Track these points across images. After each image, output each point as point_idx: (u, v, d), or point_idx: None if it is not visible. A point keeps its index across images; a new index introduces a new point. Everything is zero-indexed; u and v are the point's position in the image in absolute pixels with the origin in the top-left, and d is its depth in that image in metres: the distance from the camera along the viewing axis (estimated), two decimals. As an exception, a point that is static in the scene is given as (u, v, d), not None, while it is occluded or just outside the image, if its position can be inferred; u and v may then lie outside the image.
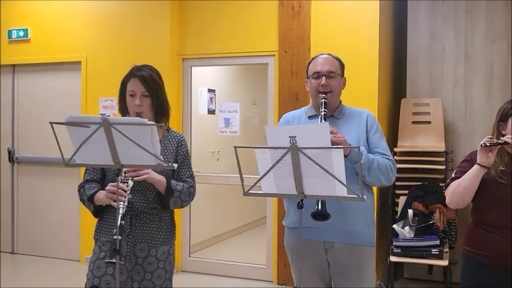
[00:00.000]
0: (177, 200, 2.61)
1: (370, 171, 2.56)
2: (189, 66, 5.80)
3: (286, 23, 5.23)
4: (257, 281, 5.44)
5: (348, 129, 2.67)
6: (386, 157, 2.65)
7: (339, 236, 2.60)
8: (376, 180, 2.61)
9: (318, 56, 2.78)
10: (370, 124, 2.71)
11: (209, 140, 6.69)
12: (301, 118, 2.82)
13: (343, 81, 2.80)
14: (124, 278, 2.55)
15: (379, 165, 2.58)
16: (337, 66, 2.74)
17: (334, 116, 2.74)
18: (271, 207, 5.39)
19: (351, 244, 2.61)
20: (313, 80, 2.72)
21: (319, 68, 2.71)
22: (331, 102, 2.69)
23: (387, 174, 2.62)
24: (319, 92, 2.67)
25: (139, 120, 2.31)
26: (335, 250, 2.62)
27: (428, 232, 4.57)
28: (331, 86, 2.68)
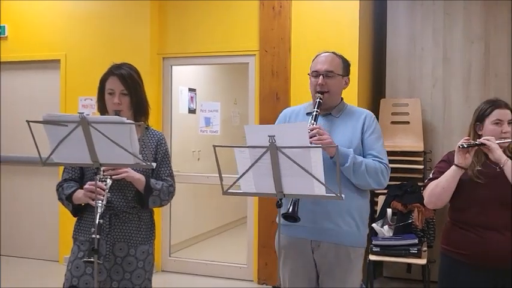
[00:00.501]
0: (156, 198, 2.60)
1: (356, 174, 2.53)
2: (170, 65, 5.78)
3: (267, 22, 5.24)
4: (238, 280, 5.45)
5: (343, 129, 2.67)
6: (379, 160, 2.61)
7: (325, 235, 2.60)
8: (364, 183, 2.58)
9: (320, 54, 2.76)
10: (368, 125, 2.68)
11: (189, 139, 6.68)
12: (300, 114, 2.80)
13: (346, 81, 2.77)
14: (103, 277, 2.53)
15: (368, 168, 2.55)
16: (337, 65, 2.71)
17: (331, 114, 2.72)
18: (251, 207, 5.39)
19: (339, 244, 2.61)
20: (313, 79, 2.71)
21: (318, 66, 2.69)
22: (328, 102, 2.67)
23: (377, 177, 2.58)
24: (317, 91, 2.66)
25: (117, 119, 2.29)
26: (322, 249, 2.62)
27: (407, 231, 4.62)
28: (329, 86, 2.66)
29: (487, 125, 2.68)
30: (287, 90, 5.15)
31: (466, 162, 2.57)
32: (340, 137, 2.60)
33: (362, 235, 2.69)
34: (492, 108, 2.69)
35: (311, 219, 2.57)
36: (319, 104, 2.61)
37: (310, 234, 2.61)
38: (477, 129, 2.73)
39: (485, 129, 2.68)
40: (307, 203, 2.54)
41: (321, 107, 2.63)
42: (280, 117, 2.88)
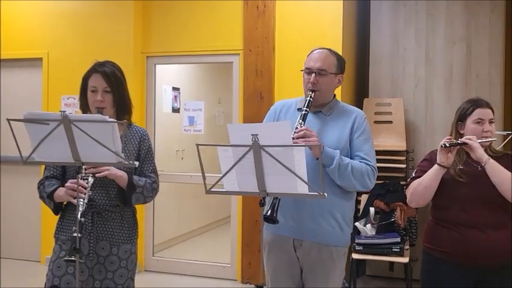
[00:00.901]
0: (140, 195, 2.58)
1: (341, 176, 2.51)
2: (153, 64, 5.76)
3: (251, 22, 5.24)
4: (221, 279, 5.44)
5: (332, 128, 2.65)
6: (366, 162, 2.58)
7: (308, 234, 2.60)
8: (349, 185, 2.56)
9: (314, 50, 2.71)
10: (357, 126, 2.65)
11: (173, 138, 6.65)
12: (291, 108, 2.77)
13: (339, 79, 2.72)
14: (85, 277, 2.51)
15: (354, 170, 2.53)
16: (331, 63, 2.66)
17: (322, 112, 2.69)
18: (235, 206, 5.39)
19: (321, 243, 2.61)
20: (305, 75, 2.68)
21: (311, 63, 2.65)
22: (318, 100, 2.64)
23: (362, 179, 2.56)
24: (308, 89, 2.64)
25: (100, 117, 2.28)
26: (304, 248, 2.62)
27: (389, 230, 4.65)
28: (320, 85, 2.63)
29: (468, 124, 2.71)
30: (271, 90, 5.15)
31: (448, 161, 2.60)
32: (328, 136, 2.59)
33: (345, 235, 2.69)
34: (474, 107, 2.72)
35: (294, 218, 2.58)
36: (309, 102, 2.58)
37: (292, 233, 2.62)
38: (459, 129, 2.76)
39: (467, 129, 2.71)
40: (290, 203, 2.55)
41: (312, 104, 2.60)
42: (271, 111, 2.85)
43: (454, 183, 2.64)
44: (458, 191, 2.64)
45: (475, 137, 2.61)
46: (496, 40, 5.20)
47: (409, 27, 5.44)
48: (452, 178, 2.64)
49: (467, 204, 2.62)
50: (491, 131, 2.69)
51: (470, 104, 2.75)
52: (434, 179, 2.62)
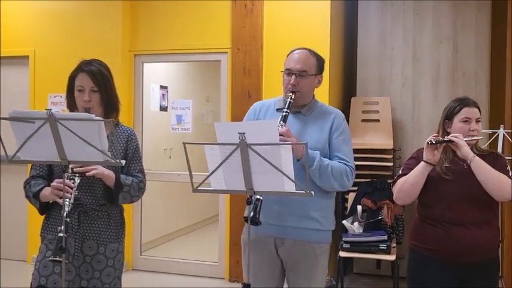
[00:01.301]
0: (127, 195, 2.57)
1: (322, 176, 2.53)
2: (141, 63, 5.73)
3: (239, 20, 5.24)
4: (209, 278, 5.44)
5: (312, 129, 2.65)
6: (344, 162, 2.60)
7: (290, 233, 2.62)
8: (328, 185, 2.58)
9: (294, 51, 2.71)
10: (336, 126, 2.66)
11: (161, 137, 6.64)
12: (270, 109, 2.77)
13: (318, 79, 2.72)
14: (72, 276, 2.50)
15: (333, 171, 2.54)
16: (311, 64, 2.67)
17: (301, 112, 2.69)
18: (223, 205, 5.39)
19: (301, 240, 2.62)
20: (285, 76, 2.68)
21: (291, 65, 2.65)
22: (298, 101, 2.65)
23: (341, 180, 2.58)
24: (288, 90, 2.64)
25: (86, 115, 2.26)
26: (286, 246, 2.64)
27: (376, 227, 4.67)
28: (301, 86, 2.63)
29: (455, 122, 2.73)
30: (259, 88, 5.16)
31: (434, 158, 2.62)
32: (308, 136, 2.59)
33: (327, 232, 2.71)
34: (461, 106, 2.74)
35: (276, 217, 2.58)
36: (289, 104, 2.58)
37: (274, 232, 2.63)
38: (446, 127, 2.78)
39: (453, 127, 2.73)
40: (272, 203, 2.55)
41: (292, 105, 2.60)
42: (250, 111, 2.86)
43: (440, 181, 2.66)
44: (444, 188, 2.66)
45: (461, 135, 2.64)
46: (482, 39, 5.24)
47: (396, 27, 5.47)
48: (439, 176, 2.66)
49: (453, 202, 2.64)
50: (477, 129, 2.72)
51: (457, 103, 2.77)
52: (420, 176, 2.64)
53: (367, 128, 5.32)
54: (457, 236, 2.62)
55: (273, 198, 2.53)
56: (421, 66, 5.40)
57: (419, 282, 2.76)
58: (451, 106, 2.78)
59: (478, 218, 2.64)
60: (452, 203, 2.64)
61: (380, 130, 5.28)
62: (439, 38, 5.36)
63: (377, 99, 5.38)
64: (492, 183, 2.57)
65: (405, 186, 2.69)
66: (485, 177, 2.57)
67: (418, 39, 5.41)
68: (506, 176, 2.62)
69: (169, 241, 6.96)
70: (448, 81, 5.32)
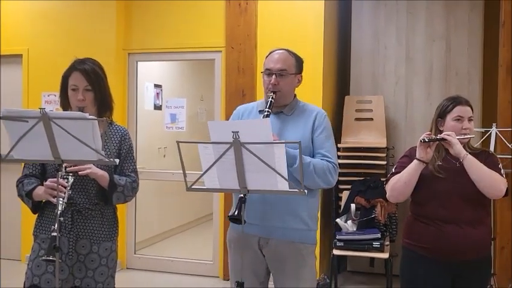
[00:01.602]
0: (120, 195, 2.58)
1: (304, 175, 2.49)
2: (135, 61, 5.73)
3: (233, 19, 5.24)
4: (203, 277, 5.45)
5: (294, 127, 2.67)
6: (327, 159, 2.60)
7: (274, 233, 2.61)
8: (312, 183, 2.57)
9: (273, 52, 2.72)
10: (318, 124, 2.66)
11: (155, 136, 6.63)
12: (253, 112, 2.79)
13: (298, 78, 2.74)
14: (65, 275, 2.49)
15: (316, 168, 2.54)
16: (291, 63, 2.68)
17: (283, 112, 2.70)
18: (217, 204, 5.40)
19: (287, 240, 2.61)
20: (265, 77, 2.69)
21: (271, 65, 2.67)
22: (280, 101, 2.66)
23: (325, 177, 2.57)
24: (269, 90, 2.65)
25: (80, 114, 2.27)
26: (270, 246, 2.63)
27: (370, 226, 4.70)
28: (281, 86, 2.65)
29: (448, 121, 2.75)
30: (253, 87, 5.17)
31: (427, 156, 2.64)
32: (291, 135, 2.60)
33: (312, 232, 2.69)
34: (454, 105, 2.76)
35: (261, 217, 2.58)
36: (270, 103, 2.59)
37: (259, 231, 2.62)
38: (439, 125, 2.80)
39: (446, 125, 2.75)
40: (257, 203, 2.55)
41: (273, 105, 2.61)
42: (234, 115, 2.87)
43: (432, 179, 2.67)
44: (437, 186, 2.67)
45: (453, 133, 2.65)
46: (474, 38, 5.28)
47: (389, 26, 5.50)
48: (431, 174, 2.67)
49: (446, 200, 2.66)
50: (470, 128, 2.74)
51: (450, 101, 2.79)
52: (413, 174, 2.65)
53: (361, 126, 5.34)
54: (450, 234, 2.63)
55: (258, 198, 2.53)
56: (414, 65, 5.43)
57: (412, 280, 2.77)
58: (443, 105, 2.80)
59: (470, 216, 2.65)
60: (445, 201, 2.66)
61: (373, 129, 5.30)
62: (432, 37, 5.38)
63: (370, 98, 5.41)
64: (484, 181, 2.59)
65: (398, 184, 2.70)
66: (478, 175, 2.59)
67: (411, 38, 5.44)
68: (498, 173, 2.64)
69: (164, 240, 6.96)
70: (440, 80, 5.35)
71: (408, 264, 2.82)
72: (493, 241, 4.64)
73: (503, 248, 4.68)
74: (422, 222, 2.74)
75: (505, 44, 4.69)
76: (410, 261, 2.81)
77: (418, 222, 2.76)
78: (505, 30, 4.69)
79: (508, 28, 4.67)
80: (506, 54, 4.67)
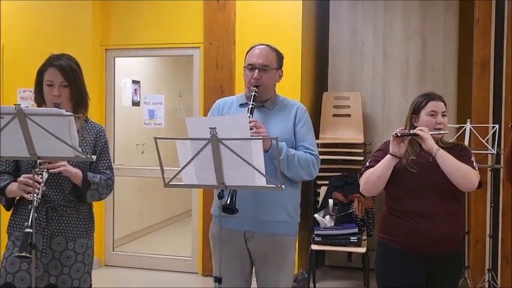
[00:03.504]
0: (95, 192, 2.56)
1: (289, 167, 2.58)
2: (112, 57, 5.68)
3: (211, 15, 5.23)
4: (182, 273, 5.44)
5: (277, 121, 2.70)
6: (310, 152, 2.67)
7: (258, 226, 2.64)
8: (296, 175, 2.64)
9: (255, 47, 2.76)
10: (299, 117, 2.72)
11: (133, 132, 6.59)
12: (233, 105, 2.82)
13: (279, 74, 2.79)
14: (40, 273, 2.47)
15: (300, 160, 2.60)
16: (272, 58, 2.73)
17: (265, 106, 2.75)
18: (196, 200, 5.40)
19: (272, 233, 2.66)
20: (247, 72, 2.73)
21: (253, 60, 2.71)
22: (262, 95, 2.70)
23: (308, 169, 2.64)
24: (251, 84, 2.68)
25: (56, 110, 2.25)
26: (255, 239, 2.67)
27: (347, 221, 4.75)
28: (263, 80, 2.69)
29: (422, 116, 2.79)
30: (232, 83, 5.17)
31: (400, 150, 2.68)
32: (274, 129, 2.64)
33: (294, 224, 2.76)
34: (427, 100, 2.80)
35: (245, 210, 2.59)
36: (254, 97, 2.63)
37: (244, 225, 2.65)
38: (413, 121, 2.83)
39: (420, 121, 2.79)
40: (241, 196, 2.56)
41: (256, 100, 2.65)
42: (214, 108, 2.88)
43: (406, 174, 2.71)
44: (410, 181, 2.71)
45: (426, 128, 2.70)
46: (450, 36, 5.36)
47: (367, 23, 5.55)
48: (405, 169, 2.71)
49: (419, 195, 2.69)
50: (443, 123, 2.78)
51: (423, 97, 2.83)
52: (386, 168, 2.69)
53: (339, 122, 5.38)
54: (424, 228, 2.67)
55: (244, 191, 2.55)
56: (390, 62, 5.49)
57: (387, 274, 2.81)
58: (417, 101, 2.84)
59: (444, 211, 2.69)
60: (419, 195, 2.69)
61: (351, 125, 5.35)
62: (409, 34, 5.45)
63: (348, 94, 5.45)
64: (457, 173, 2.63)
65: (372, 178, 2.74)
66: (450, 167, 2.63)
67: (388, 35, 5.50)
68: (470, 166, 2.69)
69: (142, 237, 6.93)
70: (417, 76, 5.42)
71: (383, 258, 2.85)
72: (468, 235, 4.74)
73: (477, 242, 4.77)
74: (397, 216, 2.77)
75: (479, 41, 4.78)
76: (385, 255, 2.84)
77: (393, 216, 2.79)
78: (479, 28, 4.77)
79: (482, 26, 4.75)
80: (481, 52, 4.76)
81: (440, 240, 2.67)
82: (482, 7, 4.77)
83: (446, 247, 2.70)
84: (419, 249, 2.70)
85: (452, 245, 2.74)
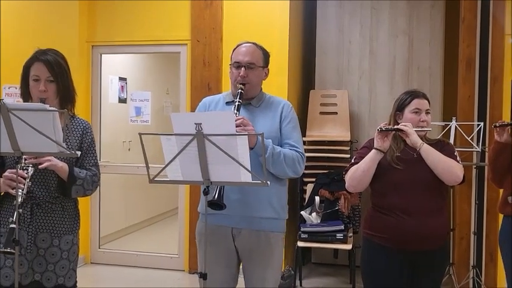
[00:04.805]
0: (80, 188, 2.54)
1: (275, 164, 2.58)
2: (99, 54, 5.65)
3: (199, 12, 5.22)
4: (169, 270, 5.43)
5: (263, 118, 2.71)
6: (295, 149, 2.67)
7: (245, 223, 2.64)
8: (282, 172, 2.64)
9: (241, 44, 2.76)
10: (285, 114, 2.73)
11: (120, 129, 6.56)
12: (219, 103, 2.82)
13: (265, 72, 2.80)
14: (24, 269, 2.45)
15: (285, 157, 2.60)
16: (258, 56, 2.73)
17: (251, 104, 2.75)
18: (183, 197, 5.40)
19: (259, 230, 2.66)
20: (234, 69, 2.73)
21: (240, 57, 2.71)
22: (248, 93, 2.70)
23: (294, 166, 2.65)
24: (238, 82, 2.69)
25: (40, 106, 2.23)
26: (242, 236, 2.66)
27: (333, 218, 4.77)
28: (250, 78, 2.69)
29: (406, 113, 2.81)
30: (219, 80, 5.16)
31: (384, 145, 2.69)
32: (260, 126, 2.64)
33: (282, 220, 2.76)
34: (411, 98, 2.82)
35: (232, 207, 2.59)
36: (241, 94, 2.64)
37: (231, 222, 2.65)
38: (397, 118, 2.86)
39: (404, 118, 2.81)
40: (228, 192, 2.56)
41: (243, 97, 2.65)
42: (200, 106, 2.89)
43: (391, 170, 2.72)
44: (395, 177, 2.72)
45: (410, 124, 2.72)
46: (436, 34, 5.40)
47: (354, 21, 5.57)
48: (390, 165, 2.72)
49: (404, 191, 2.71)
50: (427, 121, 2.80)
51: (408, 94, 2.86)
52: (371, 163, 2.70)
53: (326, 120, 5.40)
54: (408, 224, 2.68)
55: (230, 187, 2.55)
56: (377, 60, 5.52)
57: (372, 270, 2.82)
58: (401, 98, 2.86)
59: (428, 207, 2.71)
60: (403, 192, 2.71)
61: (338, 122, 5.37)
62: (395, 33, 5.49)
63: (335, 92, 5.47)
64: (441, 167, 2.65)
65: (357, 173, 2.75)
66: (434, 161, 2.65)
67: (374, 33, 5.53)
68: (454, 161, 2.72)
69: (129, 234, 6.90)
70: (403, 74, 5.46)
71: (368, 254, 2.87)
72: (452, 232, 4.78)
73: (462, 239, 4.82)
74: (382, 213, 2.78)
75: (464, 40, 4.82)
76: (370, 251, 2.85)
77: (378, 213, 2.81)
78: (464, 27, 4.82)
79: (468, 24, 4.80)
80: (466, 50, 4.80)
81: (425, 236, 2.69)
82: (467, 6, 4.81)
83: (430, 243, 2.72)
84: (404, 245, 2.71)
85: (437, 241, 2.75)
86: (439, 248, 2.79)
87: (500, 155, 3.14)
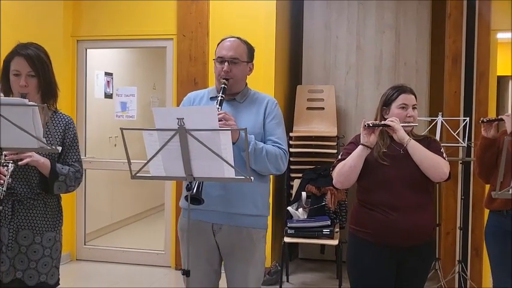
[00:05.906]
0: (62, 184, 2.50)
1: (257, 160, 2.55)
2: (84, 48, 5.59)
3: (185, 7, 5.18)
4: (155, 266, 5.41)
5: (247, 114, 2.68)
6: (278, 146, 2.64)
7: (226, 219, 2.62)
8: (264, 169, 2.61)
9: (225, 39, 2.73)
10: (269, 111, 2.70)
11: (106, 125, 6.50)
12: (204, 98, 2.79)
13: (250, 67, 2.76)
14: (6, 267, 2.41)
15: (268, 153, 2.58)
16: (243, 51, 2.70)
17: (236, 99, 2.72)
18: (169, 194, 5.36)
19: (240, 226, 2.64)
20: (217, 64, 2.70)
21: (223, 52, 2.67)
22: (232, 88, 2.68)
23: (276, 163, 2.62)
24: (221, 77, 2.66)
25: (19, 100, 2.19)
26: (223, 232, 2.64)
27: (320, 213, 4.76)
28: (233, 73, 2.66)
29: (393, 109, 2.80)
30: (205, 75, 5.13)
31: (371, 141, 2.68)
32: (244, 122, 2.61)
33: (263, 217, 2.74)
34: (398, 93, 2.81)
35: (214, 203, 2.58)
36: (224, 89, 2.61)
37: (212, 218, 2.63)
38: (384, 114, 2.85)
39: (391, 113, 2.80)
40: (210, 188, 2.55)
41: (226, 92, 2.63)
42: (185, 101, 2.86)
43: (377, 166, 2.72)
44: (381, 173, 2.72)
45: (397, 119, 2.71)
46: (422, 30, 5.40)
47: (341, 16, 5.56)
48: (376, 161, 2.72)
49: (390, 187, 2.70)
50: (414, 116, 2.80)
51: (394, 90, 2.85)
52: (358, 159, 2.69)
53: (312, 115, 5.39)
54: (394, 219, 2.68)
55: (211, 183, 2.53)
56: (364, 55, 5.52)
57: (358, 265, 2.82)
58: (388, 93, 2.85)
59: (414, 202, 2.71)
60: (389, 187, 2.71)
61: (325, 118, 5.36)
62: (382, 28, 5.48)
63: (322, 87, 5.46)
64: (427, 163, 2.65)
65: (344, 169, 2.74)
66: (421, 157, 2.65)
67: (361, 29, 5.52)
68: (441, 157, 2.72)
69: (115, 230, 6.86)
70: (390, 70, 5.46)
71: (354, 250, 2.86)
72: (438, 227, 4.80)
73: (448, 234, 4.84)
74: (368, 208, 2.77)
75: (451, 36, 4.83)
76: (356, 247, 2.85)
77: (364, 208, 2.80)
78: (451, 22, 4.83)
79: (454, 20, 4.80)
80: (452, 46, 4.81)
81: (411, 231, 2.69)
82: (454, 3, 4.82)
83: (416, 238, 2.72)
84: (390, 240, 2.71)
85: (423, 236, 2.75)
86: (425, 243, 2.79)
87: (487, 151, 3.14)
